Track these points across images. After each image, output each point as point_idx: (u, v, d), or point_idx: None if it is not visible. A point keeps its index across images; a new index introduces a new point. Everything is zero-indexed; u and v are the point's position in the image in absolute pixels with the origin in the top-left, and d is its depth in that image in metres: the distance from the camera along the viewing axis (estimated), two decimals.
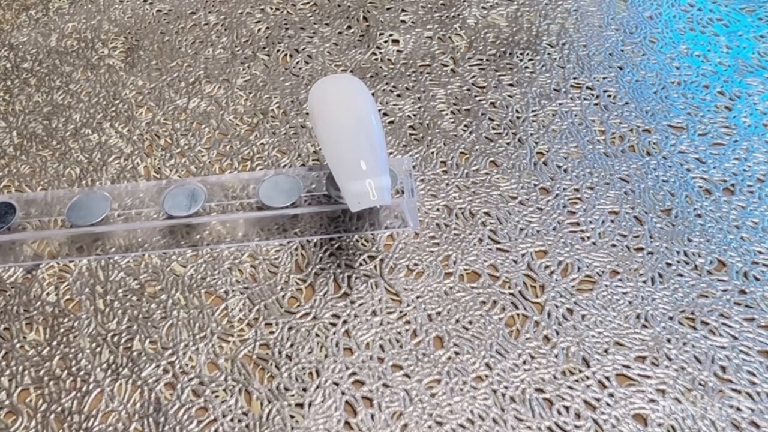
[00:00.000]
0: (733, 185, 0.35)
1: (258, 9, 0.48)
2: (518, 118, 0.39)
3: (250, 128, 0.41)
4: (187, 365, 0.31)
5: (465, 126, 0.39)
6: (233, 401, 0.30)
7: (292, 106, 0.41)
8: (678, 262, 0.33)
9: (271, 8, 0.48)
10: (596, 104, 0.40)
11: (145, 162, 0.39)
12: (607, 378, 0.29)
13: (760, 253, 0.33)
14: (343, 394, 0.30)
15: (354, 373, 0.30)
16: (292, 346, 0.31)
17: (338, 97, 0.31)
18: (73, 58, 0.46)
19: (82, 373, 0.31)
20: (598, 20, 0.45)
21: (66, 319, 0.33)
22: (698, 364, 0.29)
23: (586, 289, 0.32)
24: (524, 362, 0.30)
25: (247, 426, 0.29)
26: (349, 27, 0.46)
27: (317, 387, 0.30)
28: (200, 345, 0.32)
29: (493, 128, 0.39)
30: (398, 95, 0.41)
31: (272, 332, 0.32)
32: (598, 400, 0.29)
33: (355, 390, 0.30)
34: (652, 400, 0.28)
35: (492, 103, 0.40)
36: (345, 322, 0.32)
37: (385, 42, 0.45)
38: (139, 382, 0.31)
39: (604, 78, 0.41)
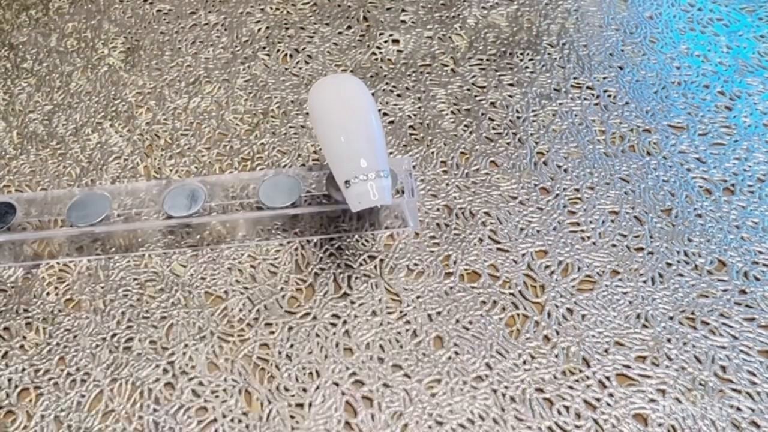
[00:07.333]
0: (733, 185, 0.35)
1: (258, 9, 0.48)
2: (518, 118, 0.39)
3: (250, 128, 0.41)
4: (187, 365, 0.31)
5: (465, 126, 0.39)
6: (233, 401, 0.30)
7: (292, 106, 0.41)
8: (678, 262, 0.33)
9: (271, 8, 0.48)
10: (596, 104, 0.40)
11: (145, 162, 0.39)
12: (608, 378, 0.29)
13: (761, 253, 0.33)
14: (343, 394, 0.30)
15: (354, 374, 0.30)
16: (292, 346, 0.31)
17: (338, 97, 0.31)
18: (73, 58, 0.46)
19: (82, 373, 0.31)
20: (598, 20, 0.45)
21: (66, 319, 0.33)
22: (698, 364, 0.29)
23: (586, 289, 0.32)
24: (524, 362, 0.30)
25: (247, 426, 0.29)
26: (349, 27, 0.46)
27: (317, 387, 0.30)
28: (200, 345, 0.32)
29: (494, 128, 0.39)
30: (398, 95, 0.41)
31: (272, 332, 0.32)
32: (598, 400, 0.29)
33: (355, 390, 0.30)
34: (652, 400, 0.28)
35: (492, 103, 0.40)
36: (345, 322, 0.32)
37: (385, 42, 0.45)
38: (138, 383, 0.31)
39: (604, 78, 0.41)
